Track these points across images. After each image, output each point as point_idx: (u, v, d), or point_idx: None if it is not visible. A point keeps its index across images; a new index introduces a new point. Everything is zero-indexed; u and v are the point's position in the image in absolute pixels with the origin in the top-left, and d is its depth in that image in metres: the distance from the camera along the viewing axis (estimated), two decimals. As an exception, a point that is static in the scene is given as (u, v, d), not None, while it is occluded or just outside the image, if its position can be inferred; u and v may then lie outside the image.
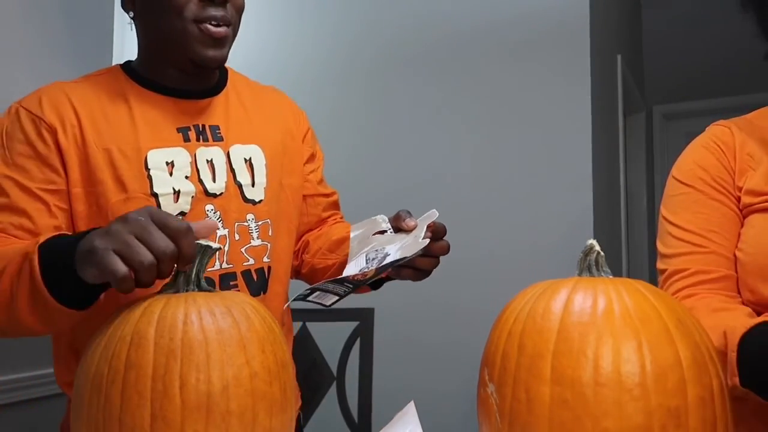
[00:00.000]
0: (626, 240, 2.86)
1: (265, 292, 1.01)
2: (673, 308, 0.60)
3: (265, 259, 1.01)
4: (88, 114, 0.92)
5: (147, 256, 0.64)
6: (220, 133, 0.99)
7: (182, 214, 0.93)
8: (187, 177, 0.94)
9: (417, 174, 2.41)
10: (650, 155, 3.70)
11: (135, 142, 0.92)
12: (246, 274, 0.98)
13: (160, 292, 0.68)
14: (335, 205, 1.21)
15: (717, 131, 0.94)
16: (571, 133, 2.20)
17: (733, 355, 0.71)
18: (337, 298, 0.83)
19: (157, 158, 0.92)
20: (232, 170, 0.98)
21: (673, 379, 0.55)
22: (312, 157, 1.16)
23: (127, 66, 1.01)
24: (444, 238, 0.89)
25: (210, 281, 0.96)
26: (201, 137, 0.97)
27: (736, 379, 0.70)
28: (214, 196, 0.96)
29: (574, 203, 2.17)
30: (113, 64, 1.56)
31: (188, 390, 0.59)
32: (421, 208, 1.87)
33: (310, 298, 0.83)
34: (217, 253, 0.96)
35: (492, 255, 2.27)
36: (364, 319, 1.49)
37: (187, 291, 0.68)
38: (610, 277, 0.64)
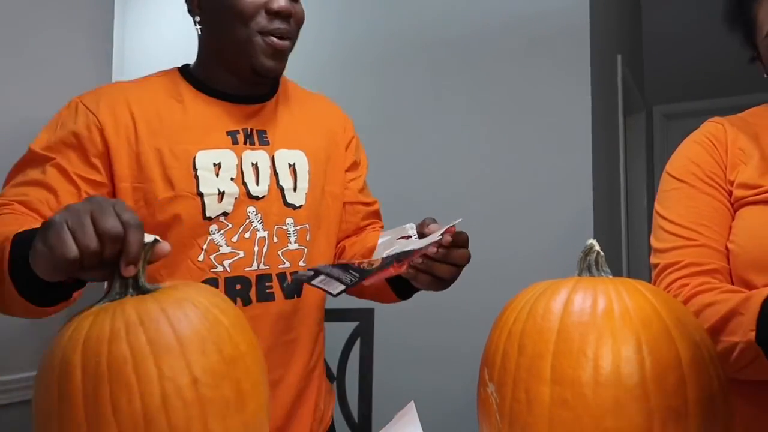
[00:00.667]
0: (626, 240, 2.86)
1: (299, 296, 1.02)
2: (673, 308, 0.60)
3: (301, 263, 1.02)
4: (143, 115, 0.95)
5: (92, 242, 0.61)
6: (266, 137, 1.02)
7: (225, 214, 0.96)
8: (232, 179, 0.97)
9: (416, 174, 2.41)
10: (650, 155, 3.69)
11: (185, 143, 0.95)
12: (281, 276, 1.00)
13: (100, 301, 0.64)
14: (375, 215, 1.21)
15: (710, 127, 0.95)
16: (571, 133, 2.20)
17: (756, 308, 0.70)
18: (343, 287, 0.81)
19: (205, 159, 0.95)
20: (276, 174, 1.01)
21: (673, 379, 0.55)
22: (354, 165, 1.17)
23: (184, 69, 1.05)
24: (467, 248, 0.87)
25: (246, 281, 0.97)
26: (248, 141, 1.00)
27: (753, 335, 0.69)
28: (257, 198, 0.99)
29: (574, 203, 2.17)
30: (113, 65, 1.56)
31: (121, 413, 0.55)
32: (420, 208, 1.88)
33: (314, 282, 0.81)
34: (255, 253, 0.98)
35: (492, 255, 2.27)
36: (364, 319, 1.49)
37: (125, 295, 0.63)
38: (610, 277, 0.64)
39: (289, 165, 1.02)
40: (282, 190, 1.01)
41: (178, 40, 3.10)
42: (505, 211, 2.27)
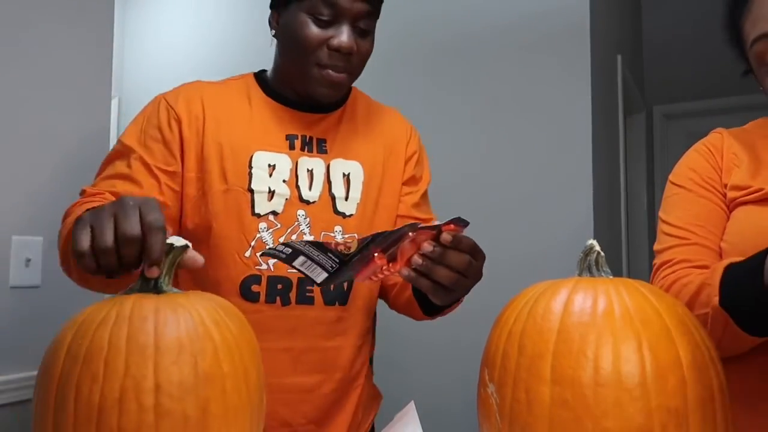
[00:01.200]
0: (626, 240, 2.86)
1: (343, 304, 1.03)
2: (673, 308, 0.60)
3: None
4: (213, 110, 1.02)
5: (107, 241, 0.64)
6: (325, 146, 1.05)
7: (274, 213, 1.00)
8: (284, 181, 1.01)
9: (417, 174, 2.41)
10: (650, 155, 3.69)
11: (245, 141, 1.01)
12: None
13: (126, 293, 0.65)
14: None
15: (710, 137, 1.00)
16: (571, 133, 2.20)
17: (717, 276, 0.77)
18: (326, 275, 0.80)
19: (261, 159, 1.00)
20: (329, 182, 1.04)
21: (673, 380, 0.55)
22: (412, 180, 1.15)
23: (259, 74, 1.11)
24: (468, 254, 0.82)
25: (288, 282, 0.98)
26: (306, 147, 1.04)
27: (717, 300, 0.76)
28: (307, 203, 1.02)
29: (574, 203, 2.17)
30: (113, 65, 1.56)
31: (81, 401, 0.55)
32: (421, 208, 1.81)
33: (295, 264, 0.80)
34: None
35: (492, 255, 2.25)
36: (364, 319, 1.49)
37: (142, 292, 0.64)
38: (610, 277, 0.64)
39: (344, 174, 1.05)
40: (333, 198, 1.03)
41: (178, 39, 3.11)
42: (505, 211, 2.27)
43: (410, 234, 0.77)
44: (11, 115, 1.30)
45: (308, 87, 1.00)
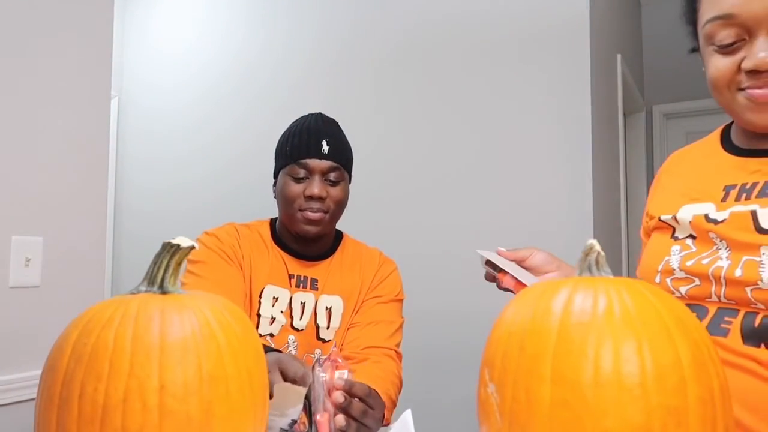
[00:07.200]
0: (626, 240, 2.86)
1: None
2: (673, 308, 0.60)
3: None
4: (248, 255, 1.33)
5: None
6: (317, 284, 1.35)
7: (271, 335, 1.28)
8: (282, 311, 1.30)
9: (416, 175, 2.41)
10: (650, 155, 3.69)
11: (262, 277, 1.31)
12: None
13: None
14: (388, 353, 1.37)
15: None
16: (571, 133, 2.20)
17: None
18: None
19: (268, 292, 1.31)
20: (315, 314, 1.31)
21: (674, 379, 0.55)
22: (374, 298, 1.36)
23: (273, 223, 1.41)
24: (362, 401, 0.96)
25: None
26: (301, 285, 1.34)
27: None
28: (297, 330, 1.30)
29: (574, 203, 2.17)
30: (113, 60, 1.56)
31: (85, 400, 0.55)
32: (420, 210, 1.85)
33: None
34: None
35: (492, 255, 2.27)
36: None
37: (147, 292, 0.64)
38: (611, 277, 0.64)
39: (326, 308, 1.33)
40: (317, 327, 1.31)
41: (178, 38, 3.11)
42: (505, 211, 2.27)
43: (318, 369, 0.91)
44: (11, 115, 1.30)
45: (296, 226, 1.30)
